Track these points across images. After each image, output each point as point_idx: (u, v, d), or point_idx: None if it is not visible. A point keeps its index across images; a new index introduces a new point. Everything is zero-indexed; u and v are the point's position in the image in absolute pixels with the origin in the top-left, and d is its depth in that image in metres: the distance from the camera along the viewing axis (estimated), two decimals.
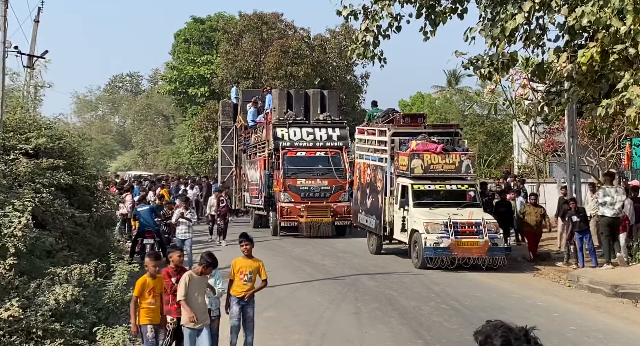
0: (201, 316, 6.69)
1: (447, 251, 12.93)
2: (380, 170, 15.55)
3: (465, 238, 13.04)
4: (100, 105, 79.41)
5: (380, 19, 10.65)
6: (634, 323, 9.27)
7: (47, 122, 13.36)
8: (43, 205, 10.02)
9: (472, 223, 13.22)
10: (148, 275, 6.85)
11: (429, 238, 13.04)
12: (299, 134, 20.44)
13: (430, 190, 14.30)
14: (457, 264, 12.99)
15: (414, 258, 13.74)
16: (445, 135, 15.22)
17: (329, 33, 33.25)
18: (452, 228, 13.01)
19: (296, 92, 22.28)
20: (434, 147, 14.29)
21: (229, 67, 32.73)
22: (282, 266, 13.94)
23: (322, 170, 19.75)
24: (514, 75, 18.24)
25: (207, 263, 6.76)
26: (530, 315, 9.62)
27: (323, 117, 21.19)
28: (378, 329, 8.77)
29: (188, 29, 41.44)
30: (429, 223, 13.24)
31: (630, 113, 8.77)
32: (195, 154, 39.89)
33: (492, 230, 13.19)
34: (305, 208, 18.93)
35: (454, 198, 14.31)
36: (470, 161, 14.47)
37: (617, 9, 8.13)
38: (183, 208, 13.93)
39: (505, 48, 9.67)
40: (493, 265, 12.99)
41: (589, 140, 18.09)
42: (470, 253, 12.96)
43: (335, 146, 20.34)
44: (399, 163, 14.63)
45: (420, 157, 14.10)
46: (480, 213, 13.57)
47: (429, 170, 14.08)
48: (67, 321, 7.24)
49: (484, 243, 12.94)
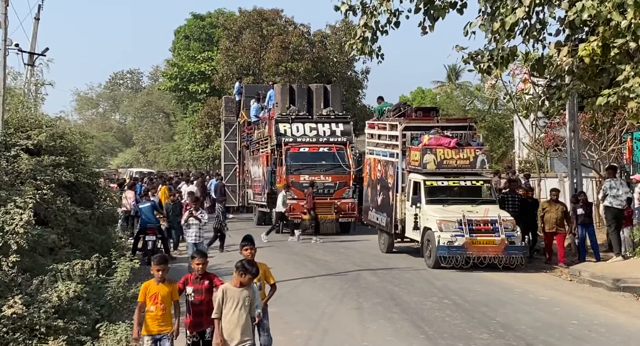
0: (242, 334, 5.71)
1: (461, 250, 12.44)
2: (391, 165, 15.11)
3: (481, 237, 12.57)
4: (101, 103, 79.50)
5: (378, 14, 10.62)
6: (636, 317, 9.28)
7: (48, 120, 13.38)
8: (45, 203, 10.04)
9: (488, 220, 12.76)
10: (154, 281, 6.31)
11: (443, 237, 12.56)
12: (302, 130, 20.21)
13: (444, 186, 13.83)
14: (472, 264, 12.50)
15: (426, 257, 13.27)
16: (459, 129, 14.66)
17: (329, 29, 33.21)
18: (466, 226, 12.58)
19: (299, 87, 21.69)
20: (448, 141, 13.82)
21: (229, 63, 32.71)
22: (284, 262, 13.97)
23: (325, 166, 19.49)
24: (515, 70, 18.24)
25: (247, 272, 5.81)
26: (532, 309, 9.64)
27: (326, 112, 20.80)
28: (380, 324, 8.80)
29: (188, 25, 41.43)
30: (443, 220, 12.77)
31: (631, 106, 8.76)
32: (196, 151, 39.93)
33: (509, 227, 12.70)
34: None
35: (469, 194, 13.85)
36: (486, 156, 13.94)
37: (617, 3, 8.11)
38: (193, 207, 12.82)
39: (505, 42, 9.66)
40: (510, 265, 12.50)
41: (590, 134, 18.08)
42: (486, 252, 12.45)
43: (339, 141, 20.03)
44: (410, 158, 14.16)
45: (433, 151, 13.63)
46: (496, 210, 13.13)
47: (442, 166, 13.63)
48: (70, 318, 7.27)
49: (500, 242, 12.45)
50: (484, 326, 8.65)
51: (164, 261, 6.46)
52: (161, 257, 6.65)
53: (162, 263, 6.36)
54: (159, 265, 6.31)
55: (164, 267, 6.33)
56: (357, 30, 10.91)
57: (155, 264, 6.32)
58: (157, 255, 6.91)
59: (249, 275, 5.81)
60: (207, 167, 41.17)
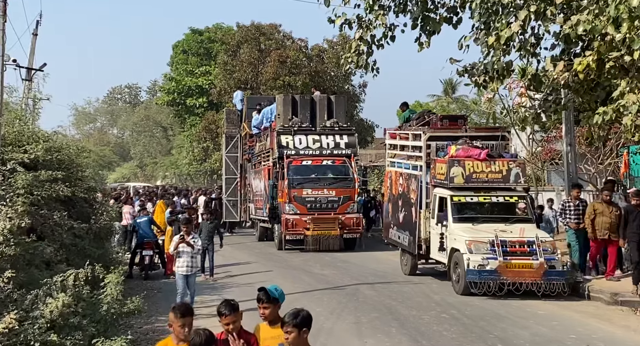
0: None
1: (494, 274, 11.12)
2: (414, 179, 13.70)
3: (516, 260, 11.25)
4: (98, 117, 79.70)
5: (374, 28, 10.65)
6: (634, 331, 9.25)
7: (45, 135, 13.37)
8: (42, 218, 9.99)
9: (524, 241, 11.46)
10: (172, 338, 4.52)
11: (473, 259, 11.21)
12: (305, 142, 19.46)
13: (473, 202, 12.48)
14: (507, 290, 11.20)
15: (454, 282, 11.88)
16: (490, 139, 13.26)
17: (327, 43, 33.38)
18: (499, 248, 11.25)
19: (302, 98, 20.96)
20: (477, 152, 12.41)
21: (227, 77, 32.83)
22: (282, 276, 13.92)
23: (329, 180, 18.75)
24: (511, 84, 18.34)
25: None
26: (530, 323, 9.60)
27: (330, 124, 20.06)
28: (378, 339, 8.75)
29: (186, 40, 41.66)
30: (472, 241, 11.47)
31: (626, 122, 8.81)
32: (193, 165, 39.98)
33: (548, 250, 11.38)
34: (311, 220, 17.98)
35: (501, 212, 12.51)
36: (520, 169, 12.45)
37: (612, 17, 8.18)
38: (184, 231, 10.66)
39: (500, 57, 9.72)
40: (550, 292, 11.17)
41: (586, 148, 18.14)
42: (523, 278, 11.15)
43: (343, 154, 19.36)
44: (436, 171, 12.81)
45: (460, 164, 12.25)
46: (533, 230, 11.91)
47: (471, 180, 12.26)
48: (66, 334, 7.21)
49: (538, 266, 11.13)
50: (482, 340, 8.61)
51: (189, 312, 4.56)
52: (185, 308, 4.63)
53: (187, 315, 4.51)
54: (183, 318, 4.47)
55: (190, 321, 4.50)
56: (353, 44, 10.96)
57: (178, 317, 4.47)
58: (181, 304, 4.83)
59: None
60: (204, 181, 41.16)
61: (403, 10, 10.68)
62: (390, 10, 10.69)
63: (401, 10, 10.68)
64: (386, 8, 10.63)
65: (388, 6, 10.68)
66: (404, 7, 10.63)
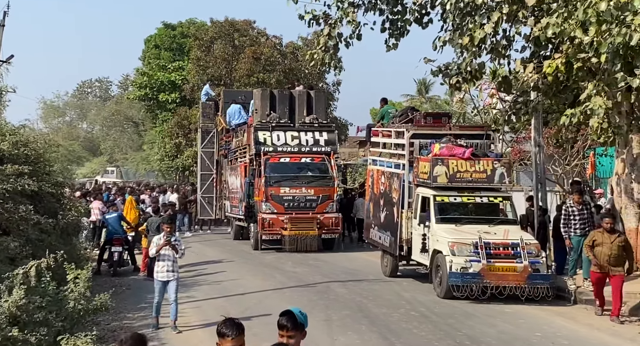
0: None
1: (477, 277, 10.80)
2: (396, 178, 13.31)
3: (500, 263, 10.94)
4: (68, 111, 78.20)
5: (342, 26, 10.61)
6: (597, 329, 9.47)
7: (11, 128, 13.09)
8: (7, 212, 9.79)
9: (508, 244, 11.16)
10: None
11: (455, 262, 10.89)
12: (283, 138, 18.72)
13: (457, 202, 12.16)
14: (490, 294, 10.91)
15: (436, 285, 11.55)
16: (475, 138, 12.96)
17: (301, 40, 33.36)
18: (483, 250, 10.95)
19: (280, 93, 20.01)
20: (462, 151, 12.08)
21: (200, 73, 32.54)
22: (252, 274, 13.87)
23: (308, 178, 18.14)
24: (483, 85, 18.58)
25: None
26: (497, 321, 9.76)
27: (309, 120, 19.23)
28: (348, 336, 8.79)
29: (159, 34, 41.13)
30: (455, 242, 11.14)
31: (593, 124, 9.01)
32: (165, 161, 39.48)
33: (532, 252, 11.08)
34: (289, 219, 17.32)
35: (485, 213, 12.21)
36: (505, 169, 12.12)
37: (580, 20, 8.35)
38: (167, 232, 9.58)
39: (472, 58, 9.85)
40: (534, 296, 10.89)
41: (554, 149, 18.47)
42: (506, 281, 10.86)
43: (322, 151, 18.71)
44: (418, 170, 12.45)
45: (444, 163, 11.89)
46: (517, 232, 11.61)
47: (455, 179, 11.91)
48: (30, 329, 7.08)
49: (522, 269, 10.84)
50: (450, 338, 8.72)
51: (242, 330, 3.91)
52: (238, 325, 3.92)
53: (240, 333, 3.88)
54: (238, 337, 3.86)
55: (242, 341, 3.90)
56: (320, 39, 10.94)
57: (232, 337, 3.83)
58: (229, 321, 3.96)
59: None
60: (176, 177, 40.75)
61: (373, 8, 10.70)
62: (360, 8, 10.70)
63: (371, 7, 10.69)
64: (356, 5, 10.65)
65: (357, 4, 10.69)
66: (374, 5, 10.65)
